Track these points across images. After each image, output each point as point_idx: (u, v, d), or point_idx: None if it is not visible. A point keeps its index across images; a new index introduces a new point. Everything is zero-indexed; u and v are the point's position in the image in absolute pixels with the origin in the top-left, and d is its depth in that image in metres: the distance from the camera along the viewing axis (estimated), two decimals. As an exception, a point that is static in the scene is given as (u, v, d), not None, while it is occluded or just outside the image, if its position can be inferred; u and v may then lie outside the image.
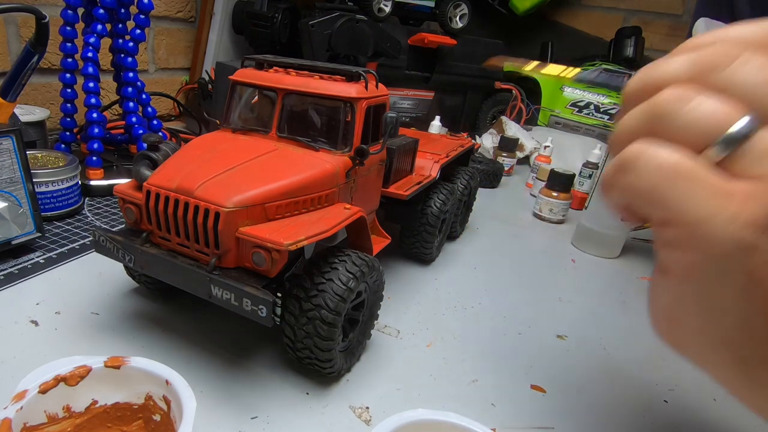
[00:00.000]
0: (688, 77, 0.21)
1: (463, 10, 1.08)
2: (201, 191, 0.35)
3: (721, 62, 0.20)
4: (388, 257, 0.60)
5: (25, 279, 0.48)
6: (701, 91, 0.20)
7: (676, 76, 0.21)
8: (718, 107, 0.20)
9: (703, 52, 0.21)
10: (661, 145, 0.21)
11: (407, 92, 1.12)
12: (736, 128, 0.20)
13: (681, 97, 0.21)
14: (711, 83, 0.20)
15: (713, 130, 0.20)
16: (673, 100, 0.21)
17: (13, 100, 0.57)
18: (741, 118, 0.20)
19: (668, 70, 0.22)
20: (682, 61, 0.21)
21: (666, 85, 0.21)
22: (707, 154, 0.20)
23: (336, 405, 0.37)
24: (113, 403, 0.30)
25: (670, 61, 0.22)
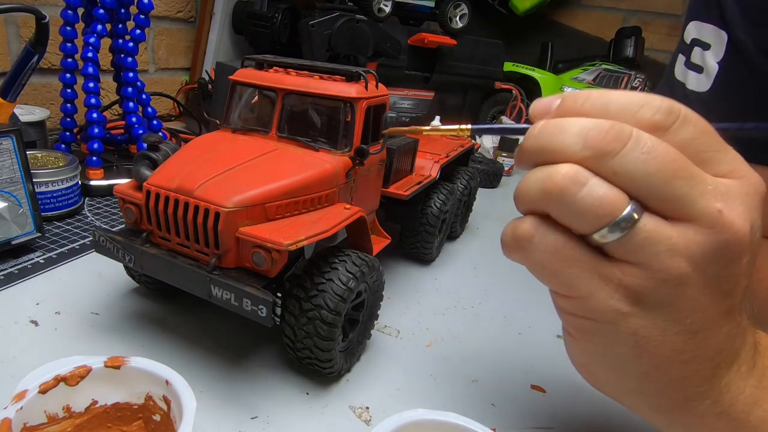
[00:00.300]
0: (582, 157, 0.22)
1: (463, 10, 1.08)
2: (201, 191, 0.35)
3: (612, 148, 0.21)
4: (388, 257, 0.60)
5: (25, 279, 0.48)
6: (593, 175, 0.22)
7: (573, 153, 0.22)
8: (607, 195, 0.21)
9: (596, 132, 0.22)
10: (550, 228, 0.24)
11: (407, 92, 1.12)
12: (619, 218, 0.22)
13: (575, 180, 0.22)
14: (602, 169, 0.22)
15: (601, 217, 0.22)
16: (569, 183, 0.22)
17: (13, 100, 0.57)
18: (626, 206, 0.22)
19: (565, 145, 0.22)
20: (575, 138, 0.22)
21: (562, 159, 0.22)
22: (595, 237, 0.22)
23: (336, 405, 0.37)
24: (113, 403, 0.30)
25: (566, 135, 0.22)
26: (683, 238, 0.22)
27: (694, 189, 0.21)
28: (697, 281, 0.22)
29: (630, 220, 0.22)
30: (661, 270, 0.22)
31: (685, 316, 0.23)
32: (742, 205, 0.22)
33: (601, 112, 0.23)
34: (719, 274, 0.22)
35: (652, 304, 0.23)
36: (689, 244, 0.22)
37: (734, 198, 0.22)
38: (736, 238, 0.21)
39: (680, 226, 0.22)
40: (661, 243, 0.22)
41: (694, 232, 0.22)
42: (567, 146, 0.22)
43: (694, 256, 0.22)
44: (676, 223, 0.22)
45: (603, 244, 0.23)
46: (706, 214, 0.21)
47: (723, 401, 0.25)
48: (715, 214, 0.21)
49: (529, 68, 1.30)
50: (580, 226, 0.23)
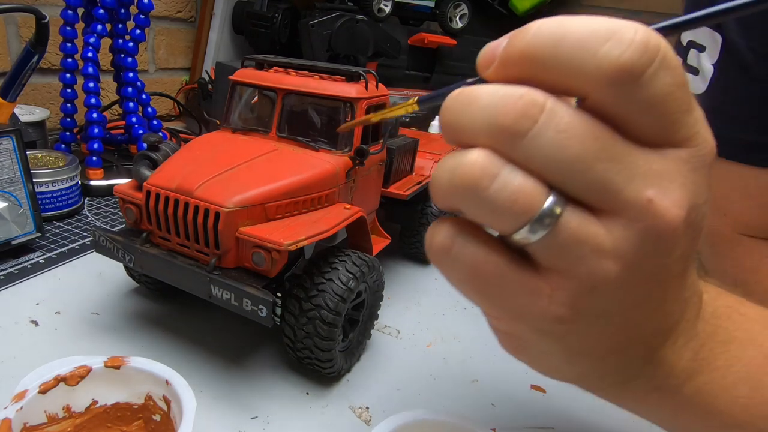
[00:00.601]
0: (490, 139, 0.18)
1: (463, 10, 1.08)
2: (201, 191, 0.35)
3: (521, 127, 0.17)
4: (388, 257, 0.60)
5: (25, 279, 0.48)
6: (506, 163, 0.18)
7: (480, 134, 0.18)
8: (523, 187, 0.18)
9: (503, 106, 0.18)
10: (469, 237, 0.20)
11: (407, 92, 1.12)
12: (538, 213, 0.18)
13: (486, 170, 0.18)
14: (514, 154, 0.18)
15: (518, 214, 0.18)
16: (479, 174, 0.18)
17: (13, 100, 0.57)
18: (546, 199, 0.18)
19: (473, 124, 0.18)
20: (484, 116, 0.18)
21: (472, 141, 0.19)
22: (516, 238, 0.19)
23: (336, 405, 0.37)
24: (113, 403, 0.30)
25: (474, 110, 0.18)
26: (610, 234, 0.18)
27: (621, 174, 0.18)
28: (630, 282, 0.19)
29: (551, 215, 0.18)
30: (590, 275, 0.19)
31: (619, 316, 0.21)
32: (680, 186, 0.19)
33: (550, 52, 0.17)
34: (653, 269, 0.20)
35: (585, 315, 0.20)
36: (617, 242, 0.18)
37: (673, 179, 0.18)
38: (670, 229, 0.18)
39: (607, 220, 0.18)
40: (586, 243, 0.18)
41: (622, 228, 0.18)
42: (475, 126, 0.18)
43: (624, 255, 0.19)
44: (603, 218, 0.18)
45: (526, 247, 0.19)
46: (634, 203, 0.18)
47: (656, 376, 0.24)
48: (645, 203, 0.18)
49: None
50: (498, 226, 0.19)
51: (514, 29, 0.18)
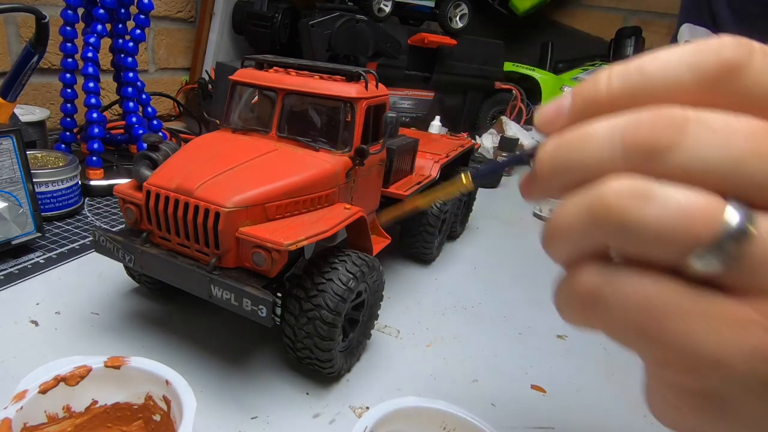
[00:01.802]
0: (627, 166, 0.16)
1: (463, 10, 1.08)
2: (201, 191, 0.35)
3: (669, 140, 0.15)
4: (388, 257, 0.60)
5: (25, 279, 0.48)
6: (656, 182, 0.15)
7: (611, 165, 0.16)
8: (692, 200, 0.15)
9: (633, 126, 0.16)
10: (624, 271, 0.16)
11: (407, 92, 1.12)
12: (721, 228, 0.14)
13: (636, 193, 0.15)
14: (667, 171, 0.15)
15: (693, 232, 0.15)
16: (629, 199, 0.15)
17: (13, 100, 0.57)
18: (725, 209, 0.15)
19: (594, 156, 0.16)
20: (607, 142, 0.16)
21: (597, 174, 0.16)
22: (695, 266, 0.15)
23: (336, 405, 0.37)
24: (113, 403, 0.30)
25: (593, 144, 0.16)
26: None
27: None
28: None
29: (739, 228, 0.14)
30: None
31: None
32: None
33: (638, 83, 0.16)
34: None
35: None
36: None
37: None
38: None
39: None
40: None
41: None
42: (601, 157, 0.16)
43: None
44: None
45: (713, 274, 0.15)
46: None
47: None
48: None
49: (529, 68, 1.30)
50: (665, 254, 0.15)
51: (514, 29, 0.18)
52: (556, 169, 0.18)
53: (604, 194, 0.16)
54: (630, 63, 0.17)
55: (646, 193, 0.15)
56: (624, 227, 0.15)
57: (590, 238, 0.17)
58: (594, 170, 0.16)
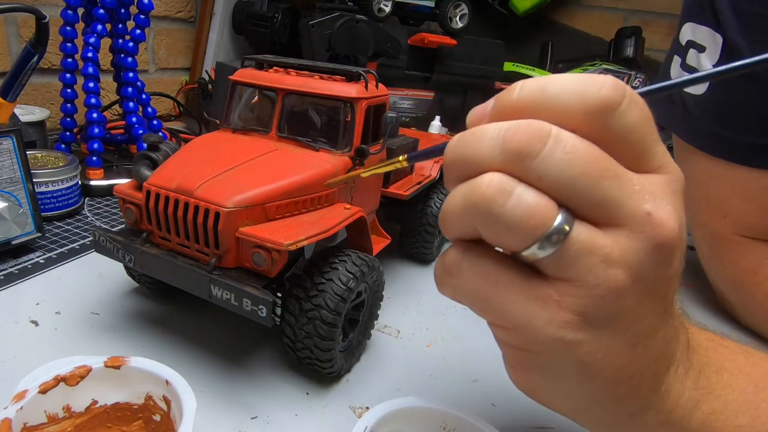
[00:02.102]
0: (502, 163, 0.20)
1: (463, 10, 1.08)
2: (201, 191, 0.35)
3: (533, 149, 0.19)
4: (388, 257, 0.60)
5: (25, 279, 0.48)
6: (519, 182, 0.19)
7: (492, 160, 0.20)
8: (538, 202, 0.19)
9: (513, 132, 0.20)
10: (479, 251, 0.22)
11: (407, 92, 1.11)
12: (551, 229, 0.19)
13: (501, 188, 0.19)
14: (526, 174, 0.19)
15: (533, 228, 0.19)
16: (495, 193, 0.19)
17: (13, 100, 0.57)
18: (557, 214, 0.19)
19: (483, 152, 0.20)
20: (492, 142, 0.20)
21: (484, 168, 0.20)
22: (526, 254, 0.20)
23: (336, 405, 0.37)
24: (113, 403, 0.30)
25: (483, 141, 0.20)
26: (617, 245, 0.20)
27: (622, 190, 0.20)
28: (635, 290, 0.21)
29: (561, 231, 0.19)
30: (599, 284, 0.20)
31: (626, 329, 0.22)
32: (669, 203, 0.21)
33: (538, 99, 0.20)
34: (655, 278, 0.21)
35: (593, 324, 0.21)
36: (623, 252, 0.20)
37: (662, 197, 0.20)
38: (668, 240, 0.20)
39: (612, 232, 0.20)
40: (595, 254, 0.20)
41: (627, 238, 0.20)
42: (485, 153, 0.20)
43: (630, 264, 0.20)
44: (608, 230, 0.20)
45: (535, 261, 0.21)
46: (636, 217, 0.20)
47: (664, 408, 0.25)
48: (644, 216, 0.20)
49: (529, 68, 1.30)
50: (513, 242, 0.20)
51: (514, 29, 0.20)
52: (455, 160, 0.21)
53: (479, 185, 0.20)
54: (539, 79, 0.21)
55: (508, 190, 0.19)
56: (488, 214, 0.20)
57: (467, 222, 0.21)
58: (480, 164, 0.20)
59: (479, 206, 0.20)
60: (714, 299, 0.59)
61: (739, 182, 0.49)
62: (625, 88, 0.20)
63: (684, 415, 0.25)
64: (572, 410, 0.26)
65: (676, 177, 0.22)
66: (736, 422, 0.26)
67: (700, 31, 0.49)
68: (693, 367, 0.26)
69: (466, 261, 0.22)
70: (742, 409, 0.26)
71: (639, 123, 0.20)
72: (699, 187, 0.53)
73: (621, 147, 0.20)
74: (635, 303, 0.21)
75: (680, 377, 0.25)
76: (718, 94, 0.48)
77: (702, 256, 0.57)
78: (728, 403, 0.26)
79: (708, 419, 0.25)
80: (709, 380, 0.26)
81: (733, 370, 0.27)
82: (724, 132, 0.49)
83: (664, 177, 0.21)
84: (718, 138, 0.49)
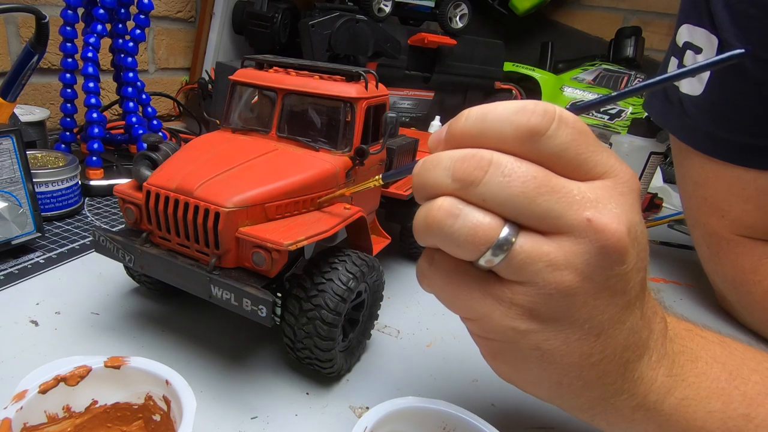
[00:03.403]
0: (453, 190, 0.23)
1: (463, 10, 1.08)
2: (201, 191, 0.35)
3: (475, 177, 0.22)
4: (388, 257, 0.60)
5: (25, 279, 0.48)
6: (466, 205, 0.23)
7: (445, 187, 0.23)
8: (481, 222, 0.22)
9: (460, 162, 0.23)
10: (443, 257, 0.25)
11: (407, 92, 1.11)
12: (496, 242, 0.22)
13: (450, 212, 0.23)
14: (472, 198, 0.23)
15: (478, 244, 0.23)
16: (444, 216, 0.23)
17: (13, 100, 0.57)
18: (502, 228, 0.22)
19: (438, 180, 0.23)
20: (444, 171, 0.23)
21: (439, 193, 0.23)
22: (480, 263, 0.23)
23: (336, 405, 0.37)
24: (113, 403, 0.30)
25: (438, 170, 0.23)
26: (561, 251, 0.22)
27: (560, 202, 0.22)
28: (585, 289, 0.23)
29: (507, 242, 0.22)
30: (546, 285, 0.22)
31: (583, 323, 0.24)
32: (616, 207, 0.22)
33: (480, 127, 0.23)
34: (607, 277, 0.23)
35: (546, 317, 0.23)
36: (569, 256, 0.22)
37: (605, 202, 0.22)
38: (613, 241, 0.22)
39: (557, 240, 0.22)
40: (540, 260, 0.22)
41: (571, 244, 0.22)
42: (439, 181, 0.23)
43: (576, 267, 0.22)
44: (553, 238, 0.22)
45: (491, 268, 0.24)
46: (576, 225, 0.22)
47: (638, 393, 0.26)
48: (585, 223, 0.22)
49: (529, 68, 1.30)
50: (463, 254, 0.24)
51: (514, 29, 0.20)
52: (418, 185, 0.25)
53: (433, 208, 0.23)
54: (481, 108, 0.24)
55: (456, 212, 0.23)
56: (440, 233, 0.23)
57: (428, 238, 0.24)
58: (436, 189, 0.24)
59: (433, 226, 0.23)
60: (714, 299, 0.59)
61: (737, 182, 0.49)
62: (554, 113, 0.22)
63: (657, 400, 0.27)
64: (547, 395, 0.28)
65: (623, 179, 0.23)
66: (708, 408, 0.27)
67: (697, 32, 0.49)
68: (667, 356, 0.27)
69: (434, 266, 0.26)
70: (715, 396, 0.27)
71: (571, 140, 0.22)
72: (697, 188, 0.53)
73: (558, 163, 0.23)
74: (588, 298, 0.23)
75: (653, 365, 0.27)
76: (715, 94, 0.48)
77: (701, 256, 0.57)
78: (701, 390, 0.27)
79: (681, 404, 0.27)
80: (683, 368, 0.28)
81: (708, 359, 0.28)
82: (721, 132, 0.49)
83: (609, 181, 0.23)
84: (715, 138, 0.49)
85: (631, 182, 0.24)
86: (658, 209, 0.90)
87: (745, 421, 0.27)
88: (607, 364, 0.25)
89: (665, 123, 0.56)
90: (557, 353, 0.24)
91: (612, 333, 0.24)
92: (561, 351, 0.24)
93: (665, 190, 0.95)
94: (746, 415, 0.27)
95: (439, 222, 0.23)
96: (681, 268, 0.68)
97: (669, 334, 0.28)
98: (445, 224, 0.23)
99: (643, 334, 0.26)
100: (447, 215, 0.23)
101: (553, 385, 0.26)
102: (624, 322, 0.24)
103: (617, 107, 1.10)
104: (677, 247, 0.74)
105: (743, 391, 0.27)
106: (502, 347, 0.26)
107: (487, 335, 0.26)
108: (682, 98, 0.52)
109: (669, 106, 0.54)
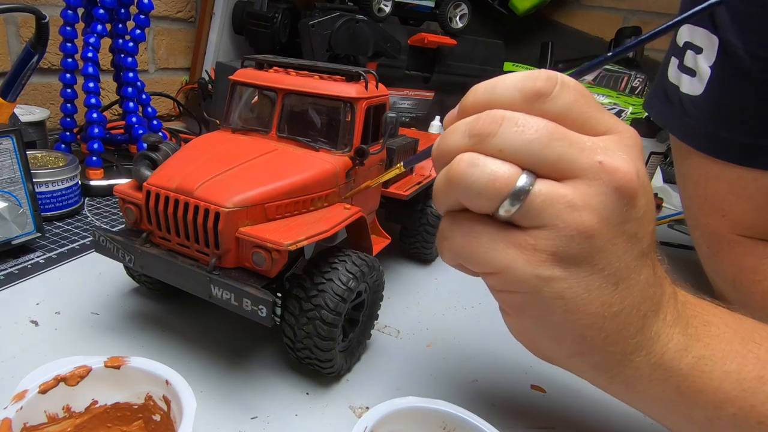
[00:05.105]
0: (471, 145, 0.24)
1: (463, 10, 1.08)
2: (201, 191, 0.35)
3: (491, 130, 0.24)
4: (388, 257, 0.60)
5: (25, 279, 0.48)
6: (484, 156, 0.24)
7: (462, 145, 0.25)
8: (499, 168, 0.23)
9: (475, 121, 0.24)
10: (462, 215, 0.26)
11: (407, 92, 1.11)
12: (515, 189, 0.23)
13: (470, 162, 0.24)
14: (488, 149, 0.24)
15: (499, 190, 0.24)
16: (465, 166, 0.24)
17: (13, 100, 0.57)
18: (519, 176, 0.23)
19: (456, 142, 0.25)
20: (461, 133, 0.25)
21: (456, 155, 0.25)
22: (500, 213, 0.24)
23: (336, 405, 0.37)
24: (113, 403, 0.30)
25: (456, 134, 0.25)
26: (578, 193, 0.23)
27: (572, 147, 0.23)
28: (603, 230, 0.24)
29: (524, 189, 0.23)
30: (567, 226, 0.23)
31: (603, 267, 0.24)
32: (623, 154, 0.24)
33: (489, 97, 0.25)
34: (622, 220, 0.24)
35: (568, 261, 0.24)
36: (585, 198, 0.23)
37: (613, 149, 0.24)
38: (625, 181, 0.23)
39: (572, 183, 0.24)
40: (558, 202, 0.23)
41: (586, 186, 0.23)
42: (457, 142, 0.25)
43: (593, 207, 0.23)
44: (568, 182, 0.24)
45: (509, 218, 0.24)
46: (589, 167, 0.23)
47: (655, 350, 0.27)
48: (597, 165, 0.23)
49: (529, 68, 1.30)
50: (484, 203, 0.24)
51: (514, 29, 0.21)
52: (438, 155, 0.26)
53: (453, 164, 0.25)
54: (491, 81, 0.25)
55: (475, 161, 0.24)
56: (461, 184, 0.24)
57: (449, 195, 0.25)
58: (455, 150, 0.25)
59: (455, 179, 0.24)
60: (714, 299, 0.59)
61: (737, 182, 0.49)
62: (557, 77, 0.24)
63: (674, 358, 0.27)
64: (566, 354, 0.28)
65: (627, 135, 0.25)
66: (725, 368, 0.28)
67: (697, 32, 0.49)
68: (681, 317, 0.28)
69: (454, 224, 0.27)
70: (730, 357, 0.28)
71: (574, 101, 0.24)
72: (697, 188, 0.53)
73: (565, 122, 0.24)
74: (606, 242, 0.24)
75: (669, 323, 0.27)
76: (716, 94, 0.48)
77: (701, 255, 0.57)
78: (716, 351, 0.28)
79: (697, 363, 0.27)
80: (697, 330, 0.28)
81: (719, 324, 0.29)
82: (722, 132, 0.49)
83: (614, 136, 0.25)
84: (715, 138, 0.49)
85: (635, 137, 0.25)
86: (658, 209, 0.90)
87: (760, 383, 0.27)
88: (627, 315, 0.26)
89: (665, 123, 0.56)
90: (580, 301, 0.25)
91: (629, 283, 0.25)
92: (583, 299, 0.25)
93: (665, 190, 0.95)
94: (761, 377, 0.27)
95: (460, 173, 0.24)
96: (681, 268, 0.68)
97: (680, 298, 0.29)
98: (466, 174, 0.24)
99: (657, 291, 0.27)
100: (468, 165, 0.24)
101: (576, 339, 0.27)
102: (639, 273, 0.25)
103: (617, 107, 1.10)
104: (677, 247, 0.74)
105: (757, 355, 0.28)
106: (525, 299, 0.26)
107: (511, 288, 0.26)
108: (682, 98, 0.52)
109: (669, 106, 0.54)
